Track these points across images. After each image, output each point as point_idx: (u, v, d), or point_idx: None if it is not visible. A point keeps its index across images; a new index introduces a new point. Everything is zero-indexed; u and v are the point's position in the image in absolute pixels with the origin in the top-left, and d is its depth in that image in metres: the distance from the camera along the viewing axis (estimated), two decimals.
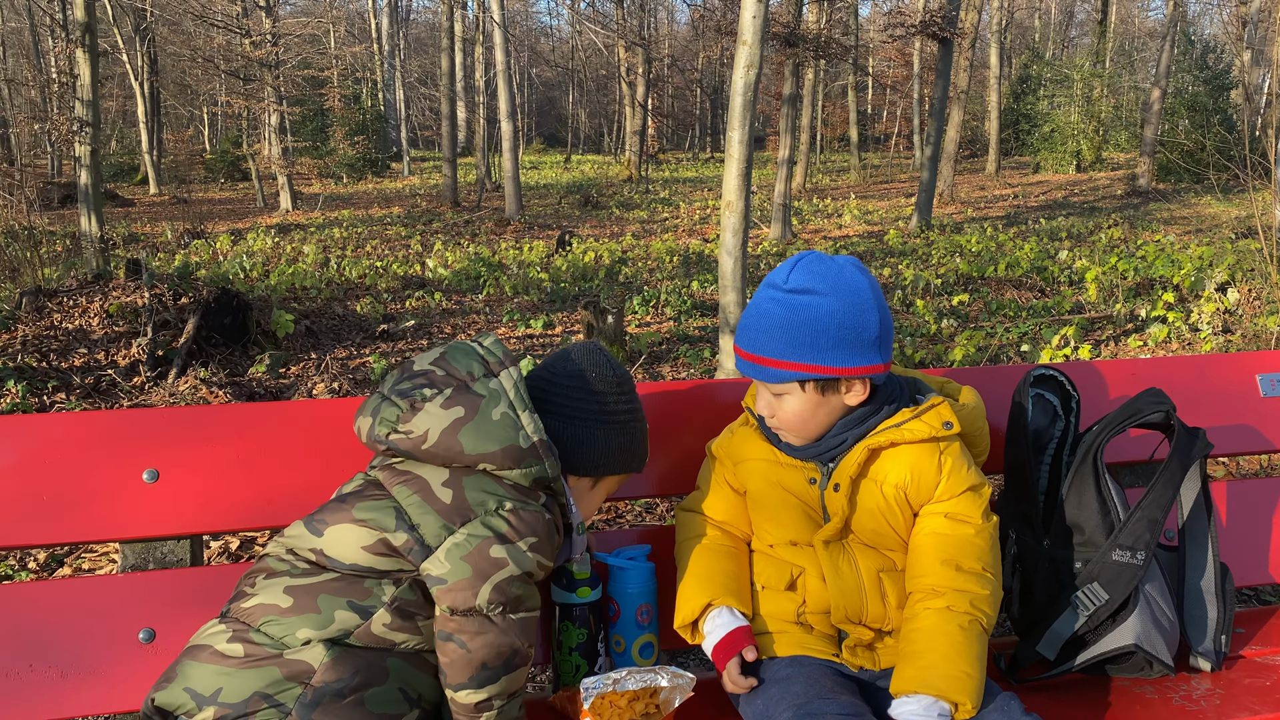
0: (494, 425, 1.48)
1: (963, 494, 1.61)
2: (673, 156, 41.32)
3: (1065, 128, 28.76)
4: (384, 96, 38.47)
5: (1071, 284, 10.60)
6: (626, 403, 1.65)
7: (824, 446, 1.63)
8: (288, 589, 1.42)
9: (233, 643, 1.39)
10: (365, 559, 1.44)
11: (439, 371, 1.54)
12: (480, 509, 1.45)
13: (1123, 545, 1.67)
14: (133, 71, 27.65)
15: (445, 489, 1.46)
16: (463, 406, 1.48)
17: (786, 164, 15.88)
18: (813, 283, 1.55)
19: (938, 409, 1.62)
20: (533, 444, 1.49)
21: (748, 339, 1.61)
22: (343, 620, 1.40)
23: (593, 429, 1.60)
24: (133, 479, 1.70)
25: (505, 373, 1.54)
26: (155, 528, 1.71)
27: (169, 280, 8.25)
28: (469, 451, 1.47)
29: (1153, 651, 1.67)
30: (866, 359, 1.56)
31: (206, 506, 1.72)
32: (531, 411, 1.51)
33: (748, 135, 6.57)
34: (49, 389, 6.47)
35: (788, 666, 1.58)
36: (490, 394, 1.51)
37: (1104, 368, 2.17)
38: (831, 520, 1.63)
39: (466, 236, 16.89)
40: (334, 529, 1.47)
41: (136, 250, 12.32)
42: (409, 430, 1.49)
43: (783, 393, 1.60)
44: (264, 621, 1.40)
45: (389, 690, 1.40)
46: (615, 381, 1.64)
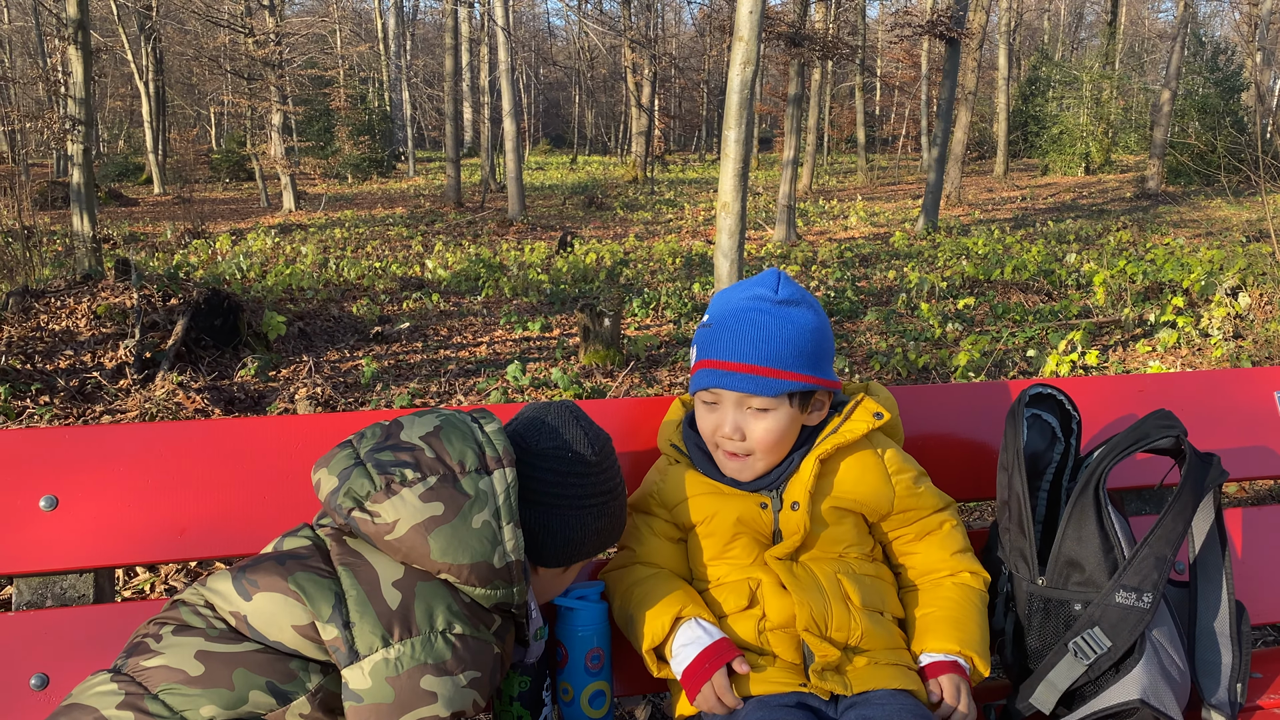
0: (471, 534, 1.28)
1: (920, 491, 1.62)
2: (679, 158, 41.19)
3: (1074, 130, 28.54)
4: (389, 96, 38.40)
5: (1079, 288, 10.41)
6: (605, 483, 1.46)
7: (774, 476, 1.56)
8: (201, 654, 1.22)
9: (123, 709, 1.18)
10: (292, 639, 1.24)
11: (428, 452, 1.32)
12: (425, 625, 1.25)
13: (1127, 586, 1.50)
14: (138, 71, 27.61)
15: (395, 590, 1.26)
16: (443, 504, 1.28)
17: (792, 165, 15.71)
18: (798, 295, 1.57)
19: (862, 404, 1.62)
20: (508, 564, 1.30)
21: (738, 349, 1.53)
22: (256, 702, 1.21)
23: (568, 516, 1.42)
24: (28, 506, 1.54)
25: (499, 473, 1.33)
26: (53, 560, 1.54)
27: (159, 281, 8.12)
28: (435, 558, 1.27)
29: (1160, 707, 1.49)
30: (833, 373, 1.60)
31: (111, 536, 1.56)
32: (516, 525, 1.32)
33: (745, 134, 6.40)
34: (32, 392, 6.33)
35: (756, 710, 1.40)
36: (477, 495, 1.30)
37: (1107, 384, 2.00)
38: (786, 540, 1.54)
39: (468, 237, 16.76)
40: (263, 596, 1.26)
41: (136, 250, 12.21)
42: (376, 513, 1.28)
43: (769, 408, 1.52)
44: (164, 688, 1.20)
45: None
46: (594, 460, 1.44)
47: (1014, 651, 1.63)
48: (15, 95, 28.61)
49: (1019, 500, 1.62)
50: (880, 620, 1.54)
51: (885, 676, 1.47)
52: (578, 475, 1.42)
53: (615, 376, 6.96)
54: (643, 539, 1.65)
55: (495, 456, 1.35)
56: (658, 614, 1.51)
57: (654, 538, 1.64)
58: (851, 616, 1.50)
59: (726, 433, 1.54)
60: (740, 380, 1.51)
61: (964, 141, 21.52)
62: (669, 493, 1.63)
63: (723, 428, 1.54)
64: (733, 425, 1.53)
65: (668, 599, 1.52)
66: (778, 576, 1.52)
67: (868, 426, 1.57)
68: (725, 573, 1.56)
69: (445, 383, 6.92)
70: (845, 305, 9.74)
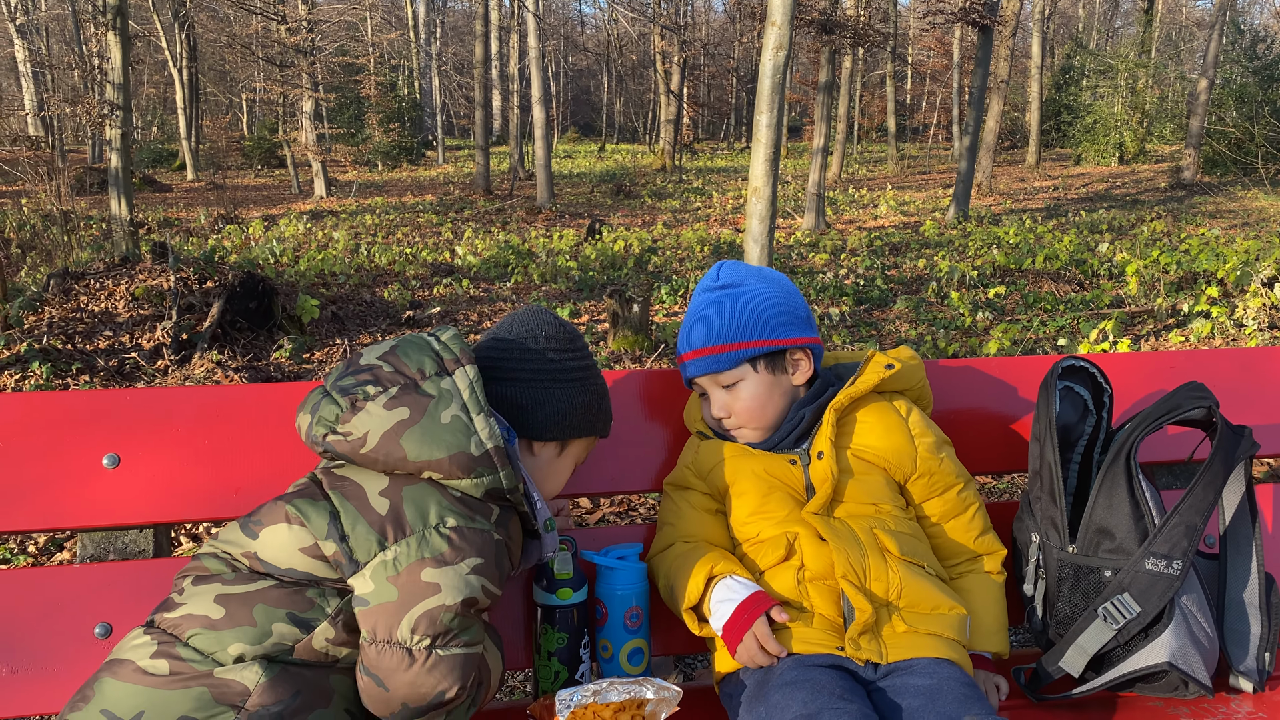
0: (442, 430, 1.32)
1: (943, 458, 1.67)
2: (708, 146, 41.07)
3: (1108, 119, 28.18)
4: (419, 84, 38.55)
5: (1111, 277, 10.33)
6: (581, 359, 1.53)
7: (785, 431, 1.66)
8: (220, 597, 1.27)
9: (157, 658, 1.23)
10: (303, 563, 1.30)
11: (386, 367, 1.37)
12: (418, 524, 1.28)
13: (1157, 553, 1.52)
14: (172, 58, 27.87)
15: (382, 498, 1.30)
16: (408, 407, 1.32)
17: (821, 153, 15.65)
18: (740, 276, 1.70)
19: (873, 360, 1.70)
20: (486, 451, 1.33)
21: (692, 339, 1.67)
22: (281, 634, 1.25)
23: (551, 389, 1.48)
24: (93, 464, 1.61)
25: (460, 371, 1.38)
26: (115, 516, 1.61)
27: (195, 264, 8.23)
28: (412, 458, 1.31)
29: (1189, 671, 1.52)
30: (804, 332, 1.68)
31: (170, 494, 1.62)
32: (488, 415, 1.35)
33: (776, 120, 6.41)
34: (73, 371, 6.47)
35: (792, 669, 1.44)
36: (441, 394, 1.34)
37: (1140, 360, 2.01)
38: (818, 492, 1.59)
39: (497, 224, 16.84)
40: (268, 530, 1.32)
41: (171, 235, 12.37)
42: (348, 432, 1.33)
43: (736, 380, 1.64)
44: (192, 634, 1.25)
45: (334, 713, 1.27)
46: (565, 338, 1.52)
47: (1043, 617, 1.66)
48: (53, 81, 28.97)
49: (1050, 469, 1.65)
50: (920, 573, 1.56)
51: (927, 646, 1.48)
52: (554, 350, 1.50)
53: (644, 362, 7.00)
54: (681, 514, 1.70)
55: (453, 358, 1.40)
56: (693, 575, 1.56)
57: (692, 511, 1.70)
58: (889, 568, 1.53)
59: (715, 413, 1.68)
60: (698, 364, 1.66)
61: (996, 130, 21.31)
62: (703, 461, 1.70)
63: (713, 409, 1.68)
64: (719, 405, 1.67)
65: (702, 560, 1.57)
66: (815, 529, 1.56)
67: (878, 377, 1.66)
68: (763, 529, 1.61)
69: None
70: (874, 293, 9.72)
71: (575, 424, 1.52)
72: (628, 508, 3.88)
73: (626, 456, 1.84)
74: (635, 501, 3.92)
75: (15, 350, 6.61)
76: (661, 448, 1.85)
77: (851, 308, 9.12)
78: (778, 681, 1.43)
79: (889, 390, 1.72)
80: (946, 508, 1.67)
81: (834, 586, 1.52)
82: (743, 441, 1.68)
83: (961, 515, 1.68)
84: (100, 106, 10.56)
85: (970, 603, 1.61)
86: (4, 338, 6.90)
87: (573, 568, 1.62)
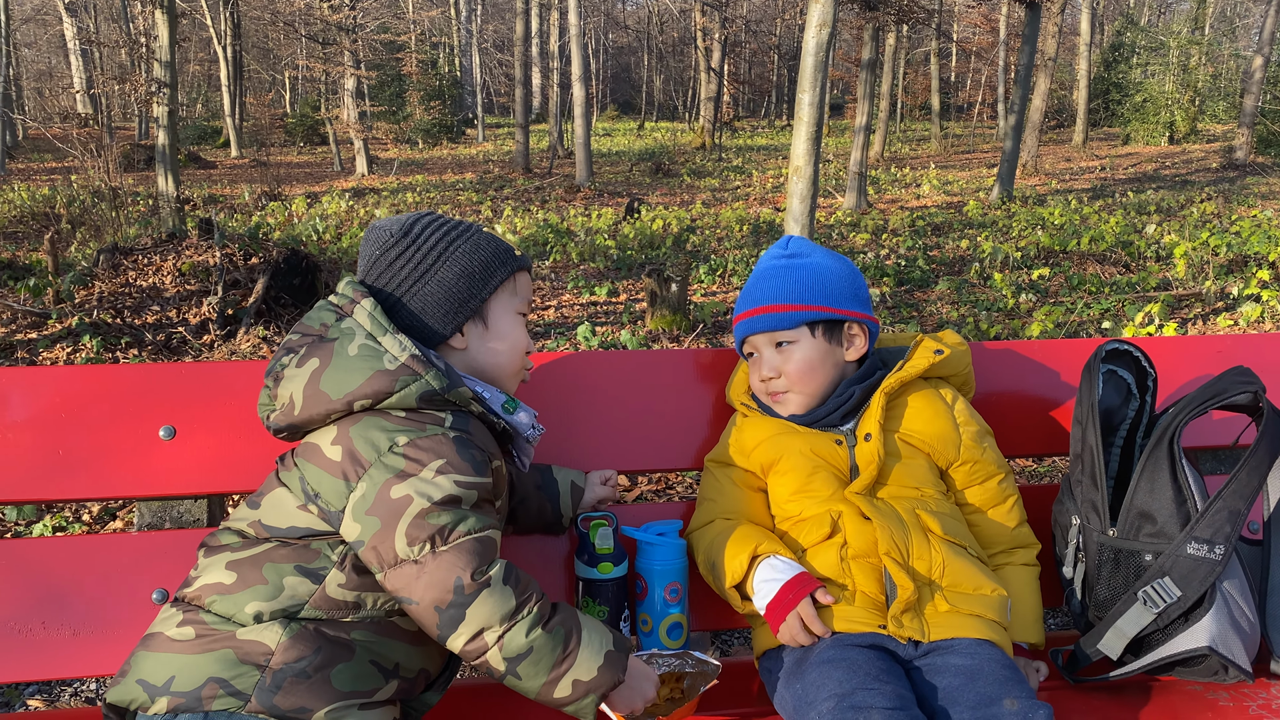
0: (352, 360, 1.35)
1: (985, 447, 1.68)
2: (748, 124, 40.77)
3: (1159, 97, 27.59)
4: (460, 62, 38.62)
5: (1159, 260, 10.15)
6: (429, 232, 1.47)
7: (833, 406, 1.66)
8: (230, 564, 1.33)
9: (183, 626, 1.29)
10: (302, 519, 1.34)
11: (295, 337, 1.42)
12: (373, 454, 1.32)
13: (1199, 538, 1.52)
14: (216, 36, 28.15)
15: (334, 446, 1.34)
16: (317, 357, 1.37)
17: (864, 131, 15.50)
18: (809, 249, 1.74)
19: (922, 345, 1.73)
20: (400, 364, 1.35)
21: (752, 297, 1.70)
22: (293, 588, 1.30)
23: (420, 288, 1.44)
24: (150, 436, 1.66)
25: (357, 308, 1.40)
26: (171, 486, 1.66)
27: (240, 240, 8.35)
28: (336, 397, 1.34)
29: (1229, 655, 1.51)
30: (865, 309, 1.71)
31: (223, 465, 1.67)
32: (394, 333, 1.37)
33: (819, 98, 6.36)
34: (122, 345, 6.61)
35: (831, 648, 1.46)
36: (343, 334, 1.38)
37: (1186, 344, 2.00)
38: (863, 472, 1.60)
39: (536, 203, 16.88)
40: (269, 496, 1.39)
41: (215, 211, 12.54)
42: (280, 404, 1.40)
43: (791, 340, 1.66)
44: (211, 601, 1.31)
45: (359, 665, 1.30)
46: (398, 235, 1.46)
47: (1082, 600, 1.67)
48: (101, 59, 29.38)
49: (1092, 453, 1.65)
50: (963, 553, 1.57)
51: (968, 626, 1.49)
52: (396, 256, 1.45)
53: (682, 341, 7.01)
54: (723, 490, 1.72)
55: (348, 300, 1.42)
56: (736, 553, 1.57)
57: (733, 488, 1.71)
58: (932, 546, 1.54)
59: (764, 374, 1.68)
60: (760, 320, 1.67)
61: (1042, 109, 20.94)
62: (747, 437, 1.71)
63: (761, 370, 1.68)
64: (769, 366, 1.68)
65: (745, 540, 1.58)
66: (859, 508, 1.57)
67: (928, 362, 1.68)
68: (806, 507, 1.62)
69: None
70: (916, 274, 9.64)
71: (471, 290, 1.47)
72: (665, 485, 3.91)
73: (665, 435, 1.86)
74: (672, 480, 3.95)
75: (67, 324, 6.76)
76: (700, 426, 1.87)
77: (893, 288, 9.06)
78: (816, 660, 1.44)
79: (934, 376, 1.73)
80: (987, 496, 1.68)
81: (877, 564, 1.53)
82: (785, 412, 1.69)
83: (1001, 505, 1.69)
84: (147, 84, 10.70)
85: (1008, 593, 1.61)
86: (56, 311, 7.06)
87: (613, 543, 1.65)
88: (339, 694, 1.27)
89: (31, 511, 3.60)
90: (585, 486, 1.75)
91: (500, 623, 1.28)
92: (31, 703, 2.63)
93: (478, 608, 1.28)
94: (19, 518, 3.57)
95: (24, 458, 1.62)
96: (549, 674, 1.31)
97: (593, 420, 1.84)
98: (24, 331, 6.92)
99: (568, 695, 1.32)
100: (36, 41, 38.45)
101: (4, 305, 7.25)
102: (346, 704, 1.27)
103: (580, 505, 1.74)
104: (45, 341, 6.56)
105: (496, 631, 1.28)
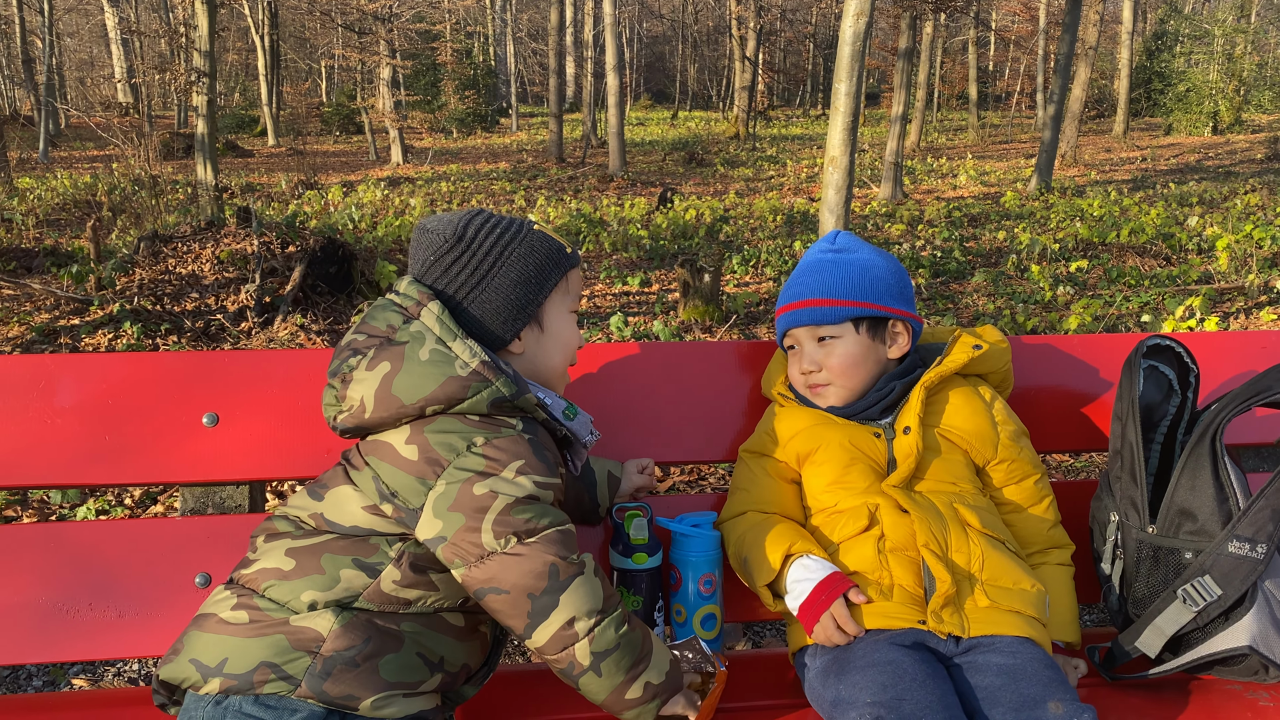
0: (424, 366, 1.36)
1: (1021, 447, 1.69)
2: (782, 113, 40.54)
3: (1202, 87, 27.11)
4: (494, 51, 38.70)
5: (1200, 252, 9.99)
6: (483, 235, 1.46)
7: (872, 400, 1.66)
8: (289, 551, 1.35)
9: (237, 609, 1.32)
10: (365, 520, 1.36)
11: (361, 338, 1.42)
12: (451, 454, 1.34)
13: (1241, 536, 1.50)
14: (254, 25, 28.39)
15: (409, 446, 1.36)
16: (388, 361, 1.38)
17: (900, 121, 15.36)
18: (856, 245, 1.74)
19: (960, 340, 1.72)
20: (472, 370, 1.36)
21: (798, 290, 1.70)
22: (349, 580, 1.32)
23: (477, 291, 1.44)
24: (193, 422, 1.69)
25: (425, 311, 1.40)
26: (214, 472, 1.69)
27: (277, 228, 8.44)
28: (409, 402, 1.36)
29: (1270, 655, 1.50)
30: (910, 308, 1.71)
31: (265, 453, 1.70)
32: (463, 338, 1.38)
33: (855, 88, 6.32)
34: (161, 331, 6.71)
35: (873, 649, 1.43)
36: (412, 338, 1.38)
37: (1229, 339, 1.97)
38: (901, 465, 1.60)
39: (569, 192, 16.90)
40: (333, 492, 1.40)
41: (252, 200, 12.68)
42: (349, 406, 1.40)
43: (834, 335, 1.66)
44: (267, 586, 1.33)
45: (406, 656, 1.33)
46: (455, 231, 1.45)
47: (1120, 597, 1.65)
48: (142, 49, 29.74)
49: (1132, 449, 1.63)
50: (1001, 548, 1.56)
51: (1008, 623, 1.47)
52: (451, 261, 1.44)
53: (714, 332, 7.00)
54: (756, 480, 1.71)
55: (415, 303, 1.42)
56: (769, 552, 1.57)
57: (767, 479, 1.70)
58: (970, 540, 1.53)
59: (805, 367, 1.68)
60: (804, 314, 1.68)
61: (1082, 99, 20.64)
62: (783, 428, 1.70)
63: (802, 364, 1.68)
64: (809, 359, 1.68)
65: (779, 538, 1.58)
66: (896, 501, 1.57)
67: (966, 356, 1.68)
68: (843, 498, 1.61)
69: None
70: (952, 266, 9.55)
71: (529, 297, 1.47)
72: (697, 477, 3.91)
73: (698, 426, 1.86)
74: (705, 471, 3.95)
75: (108, 310, 6.88)
76: (734, 418, 1.87)
77: (928, 280, 8.99)
78: (860, 662, 1.42)
79: (972, 373, 1.73)
80: (1023, 495, 1.68)
81: (915, 558, 1.52)
82: (824, 405, 1.68)
83: (1037, 505, 1.69)
84: (187, 73, 10.83)
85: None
86: (98, 298, 7.18)
87: (648, 534, 1.66)
88: (386, 684, 1.29)
89: (75, 495, 3.68)
90: (622, 476, 1.75)
91: (591, 615, 1.31)
92: (76, 682, 2.69)
93: (572, 594, 1.30)
94: (63, 501, 3.64)
95: (71, 442, 1.65)
96: (627, 673, 1.34)
97: (625, 411, 1.85)
98: (67, 318, 7.05)
99: (639, 697, 1.35)
100: (79, 31, 39.00)
101: (47, 291, 7.38)
102: (391, 693, 1.29)
103: (617, 495, 1.75)
104: (87, 328, 6.68)
105: (588, 623, 1.30)
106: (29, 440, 1.65)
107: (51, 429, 1.66)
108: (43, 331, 6.64)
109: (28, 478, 1.65)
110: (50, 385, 1.67)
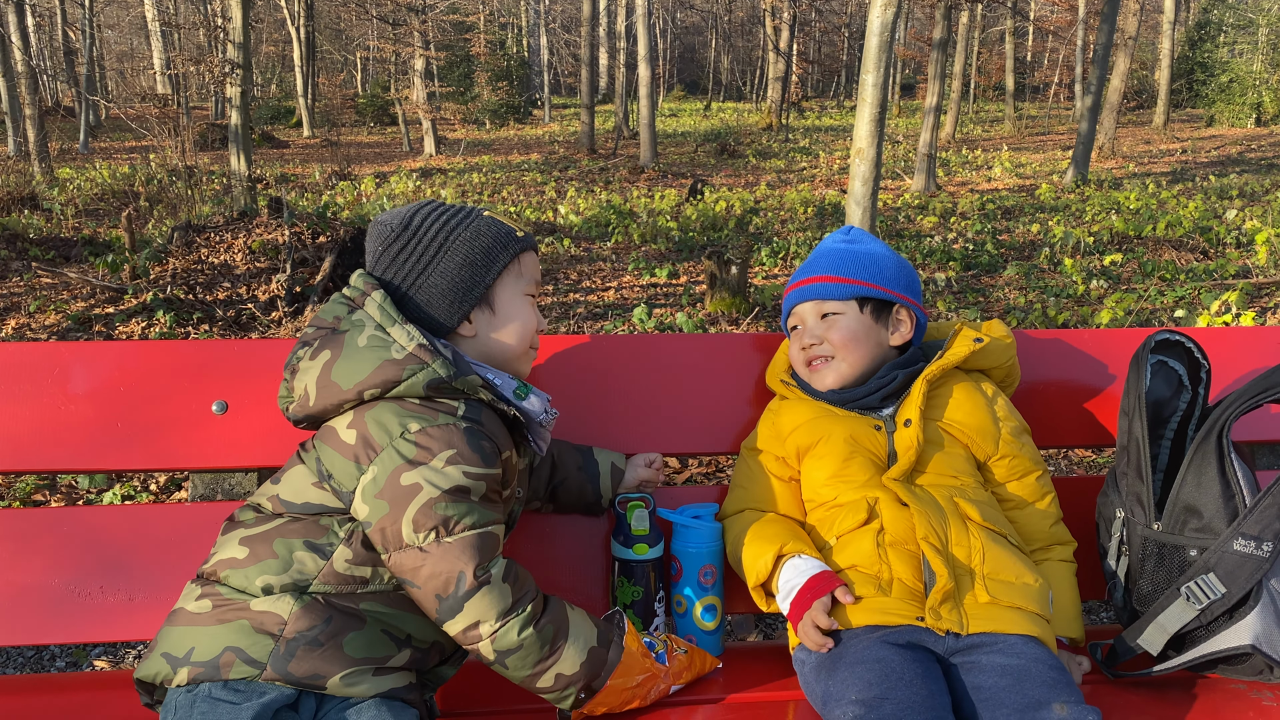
0: (362, 352, 1.39)
1: (1023, 444, 1.68)
2: (816, 104, 40.27)
3: (1246, 78, 26.60)
4: (527, 42, 38.76)
5: (1239, 246, 9.81)
6: (429, 223, 1.49)
7: (873, 387, 1.66)
8: (243, 539, 1.39)
9: (201, 600, 1.35)
10: (316, 496, 1.40)
11: (310, 330, 1.47)
12: (385, 439, 1.36)
13: (1247, 534, 1.48)
14: (290, 17, 28.67)
15: (350, 430, 1.39)
16: (329, 349, 1.41)
17: (934, 112, 15.22)
18: (869, 239, 1.77)
19: (961, 334, 1.72)
20: (408, 353, 1.38)
21: (807, 269, 1.74)
22: (301, 562, 1.35)
23: (425, 279, 1.47)
24: (203, 410, 1.72)
25: (368, 300, 1.43)
26: (224, 459, 1.72)
27: (308, 219, 8.52)
28: (347, 387, 1.39)
29: (1273, 654, 1.48)
30: (915, 298, 1.74)
31: (274, 439, 1.72)
32: (402, 323, 1.40)
33: (883, 78, 6.26)
34: (194, 320, 6.81)
35: (864, 646, 1.43)
36: (353, 325, 1.42)
37: (1244, 335, 1.94)
38: (901, 458, 1.60)
39: (600, 184, 16.91)
40: (289, 473, 1.45)
41: (286, 190, 12.81)
42: (296, 396, 1.44)
43: (838, 311, 1.68)
44: (226, 575, 1.37)
45: (370, 633, 1.35)
46: (401, 220, 1.49)
47: (1125, 594, 1.64)
48: (179, 40, 30.10)
49: (1138, 445, 1.61)
50: (1003, 541, 1.55)
51: (1010, 621, 1.45)
52: (398, 249, 1.47)
53: (740, 325, 6.99)
54: (754, 478, 1.72)
55: (359, 293, 1.45)
56: (761, 552, 1.57)
57: (765, 475, 1.70)
58: (971, 534, 1.52)
59: (806, 341, 1.70)
60: (810, 289, 1.71)
61: (1121, 90, 20.32)
62: (784, 421, 1.71)
63: (804, 338, 1.70)
64: (811, 333, 1.70)
65: (772, 538, 1.58)
66: (896, 494, 1.56)
67: (968, 349, 1.68)
68: (842, 492, 1.61)
69: (574, 325, 7.09)
70: (984, 259, 9.46)
71: (470, 285, 1.48)
72: (715, 468, 3.91)
73: (711, 418, 1.86)
74: (723, 463, 3.95)
75: (142, 299, 6.98)
76: (747, 409, 1.86)
77: (959, 273, 8.91)
78: (850, 659, 1.42)
79: (976, 368, 1.73)
80: (1025, 492, 1.67)
81: (914, 552, 1.51)
82: (823, 386, 1.68)
83: (1040, 501, 1.68)
84: (222, 65, 10.95)
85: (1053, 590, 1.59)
86: (132, 287, 7.29)
87: (649, 525, 1.67)
88: (352, 660, 1.31)
89: (102, 480, 3.75)
90: (626, 468, 1.76)
91: (496, 619, 1.34)
92: (98, 663, 2.74)
93: (476, 603, 1.33)
94: (90, 486, 3.71)
95: (83, 428, 1.69)
96: (534, 667, 1.38)
97: (637, 403, 1.85)
98: (102, 306, 7.17)
99: (550, 685, 1.40)
100: (119, 23, 39.53)
101: (84, 280, 7.51)
102: (360, 669, 1.32)
103: (621, 486, 1.75)
104: (121, 316, 6.79)
105: (491, 626, 1.34)
106: (43, 425, 1.68)
107: (65, 414, 1.69)
108: (78, 319, 6.76)
109: (41, 462, 1.68)
110: (64, 372, 1.70)
